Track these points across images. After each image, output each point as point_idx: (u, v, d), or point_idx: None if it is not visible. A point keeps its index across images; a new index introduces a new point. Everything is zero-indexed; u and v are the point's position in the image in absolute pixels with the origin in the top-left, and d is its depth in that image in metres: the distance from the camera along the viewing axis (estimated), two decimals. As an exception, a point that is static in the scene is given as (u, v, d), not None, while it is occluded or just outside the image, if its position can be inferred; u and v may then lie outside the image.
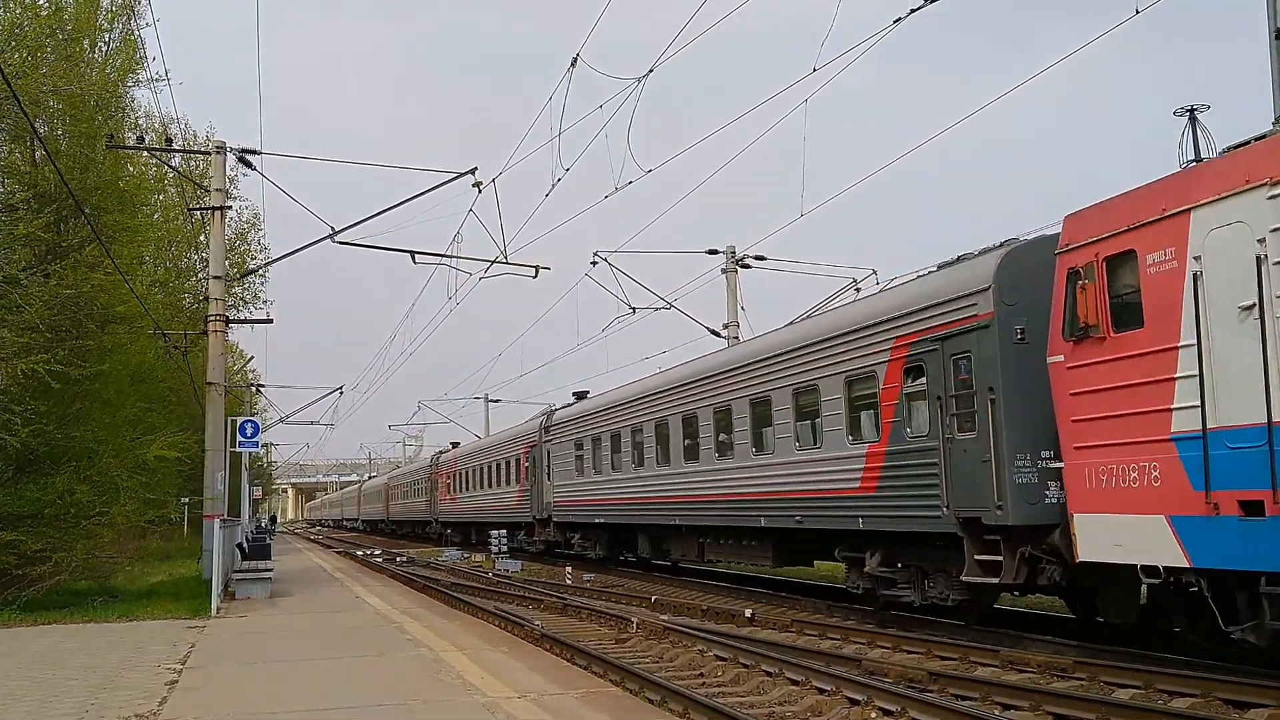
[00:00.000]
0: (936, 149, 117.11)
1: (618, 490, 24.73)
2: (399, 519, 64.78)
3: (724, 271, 29.59)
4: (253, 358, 63.98)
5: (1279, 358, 8.54)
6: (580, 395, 30.53)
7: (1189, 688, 9.50)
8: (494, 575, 27.53)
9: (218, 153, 25.42)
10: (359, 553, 42.84)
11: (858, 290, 21.40)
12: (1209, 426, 9.04)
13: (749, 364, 18.47)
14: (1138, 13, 12.53)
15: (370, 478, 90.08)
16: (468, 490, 42.75)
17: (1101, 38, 14.58)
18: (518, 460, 34.23)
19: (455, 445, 50.99)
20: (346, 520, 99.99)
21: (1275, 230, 8.61)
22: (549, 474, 30.42)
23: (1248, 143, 9.30)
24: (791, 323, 18.49)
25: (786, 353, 17.12)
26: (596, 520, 26.80)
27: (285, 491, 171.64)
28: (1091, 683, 10.21)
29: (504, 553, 32.30)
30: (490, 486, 38.61)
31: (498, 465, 37.60)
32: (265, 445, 72.72)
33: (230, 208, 30.00)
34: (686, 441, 20.84)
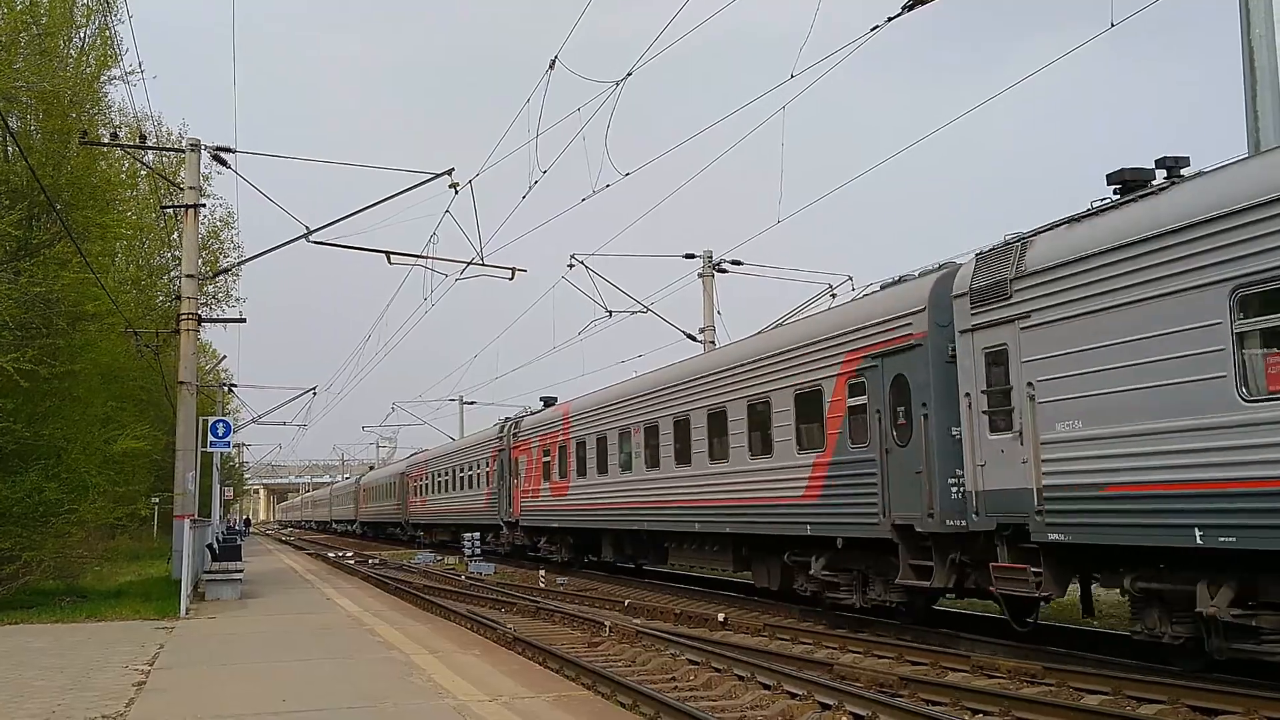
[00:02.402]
0: (913, 156, 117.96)
1: None
2: (425, 522, 46.38)
3: (701, 276, 29.67)
4: (225, 357, 63.63)
5: None
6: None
7: (1157, 694, 9.58)
8: (467, 578, 27.45)
9: (191, 150, 25.20)
10: (331, 555, 42.65)
11: (833, 296, 20.72)
12: None
13: None
14: (1112, 25, 12.67)
15: (371, 468, 75.77)
16: (602, 474, 23.83)
17: (1079, 48, 14.70)
18: (822, 394, 14.83)
19: (549, 402, 31.18)
20: (336, 522, 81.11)
21: None
22: (1025, 411, 10.92)
23: None
24: None
25: None
26: None
27: (257, 492, 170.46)
28: (1060, 688, 10.29)
29: (477, 555, 32.22)
30: (696, 462, 18.87)
31: (722, 415, 17.84)
32: (237, 445, 72.29)
33: (204, 206, 29.74)
34: None
